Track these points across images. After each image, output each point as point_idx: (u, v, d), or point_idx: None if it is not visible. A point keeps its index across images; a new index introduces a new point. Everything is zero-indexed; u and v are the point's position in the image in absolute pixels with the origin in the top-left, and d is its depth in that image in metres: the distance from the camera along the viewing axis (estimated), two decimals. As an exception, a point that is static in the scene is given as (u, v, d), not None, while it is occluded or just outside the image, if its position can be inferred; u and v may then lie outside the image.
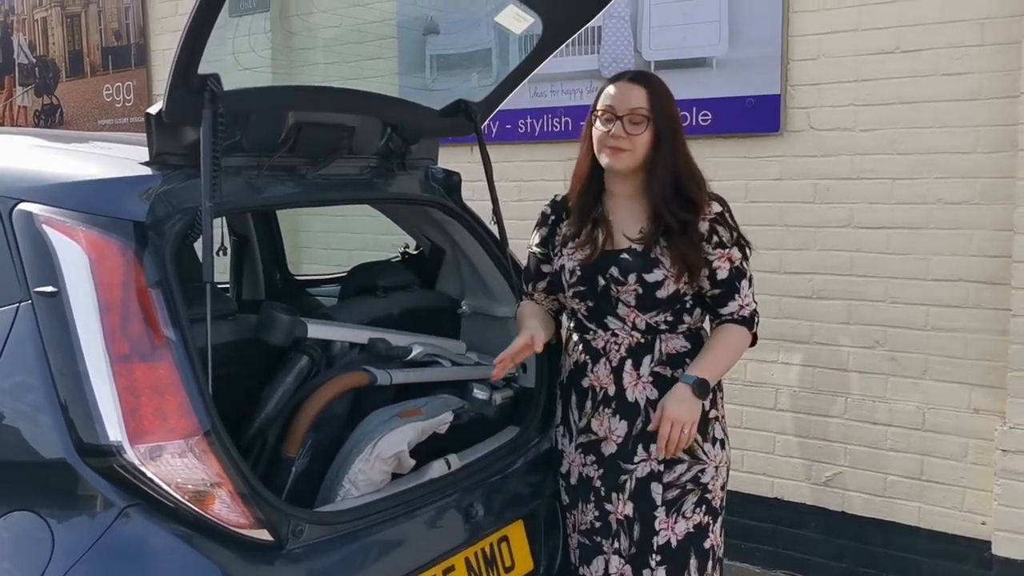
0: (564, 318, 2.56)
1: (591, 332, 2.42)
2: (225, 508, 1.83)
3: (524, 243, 2.62)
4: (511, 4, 2.70)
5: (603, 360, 2.40)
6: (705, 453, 2.38)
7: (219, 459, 1.82)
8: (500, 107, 2.81)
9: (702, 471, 2.38)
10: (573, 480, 2.48)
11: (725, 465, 2.44)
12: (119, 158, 2.18)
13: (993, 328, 3.54)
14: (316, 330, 2.36)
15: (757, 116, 4.00)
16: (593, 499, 2.42)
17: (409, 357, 2.50)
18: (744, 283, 2.38)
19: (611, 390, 2.39)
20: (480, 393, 2.52)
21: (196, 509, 1.81)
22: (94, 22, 6.55)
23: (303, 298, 3.55)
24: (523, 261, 2.72)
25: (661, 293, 2.33)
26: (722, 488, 2.43)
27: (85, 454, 1.77)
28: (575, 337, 2.48)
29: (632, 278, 2.33)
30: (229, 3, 1.89)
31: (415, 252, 3.10)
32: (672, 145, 2.34)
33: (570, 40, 2.74)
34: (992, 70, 3.49)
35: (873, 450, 3.84)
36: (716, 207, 2.36)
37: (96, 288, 1.80)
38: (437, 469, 2.34)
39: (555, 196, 2.55)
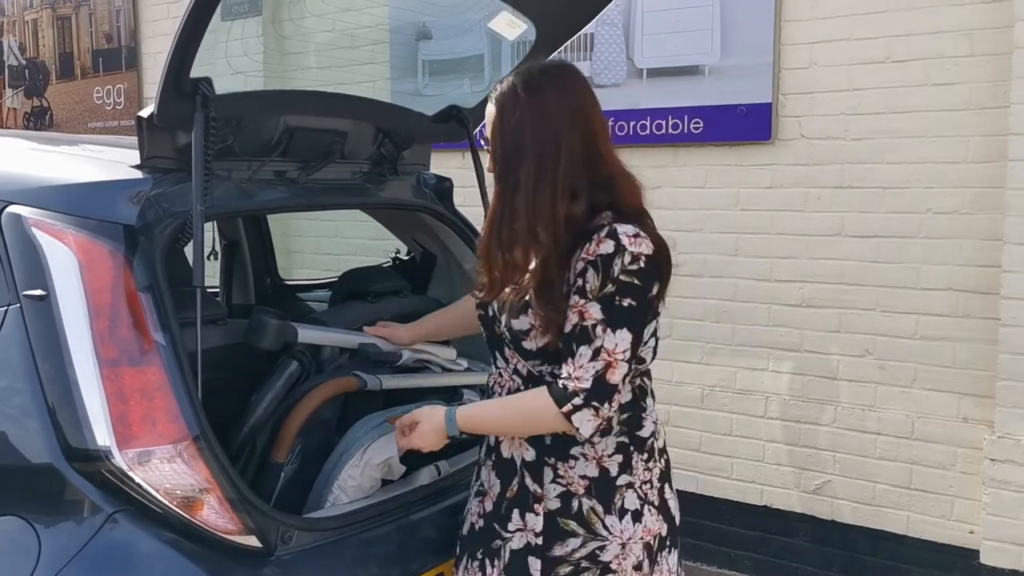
0: None
1: (490, 365, 2.08)
2: (214, 514, 1.82)
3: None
4: (504, 10, 2.70)
5: None
6: (607, 527, 1.90)
7: (208, 464, 1.80)
8: (492, 113, 2.80)
9: (601, 548, 1.90)
10: (464, 528, 2.10)
11: (640, 541, 1.92)
12: (110, 161, 2.17)
13: (982, 337, 3.56)
14: (306, 335, 2.35)
15: (749, 124, 4.01)
16: (480, 556, 2.02)
17: (399, 363, 2.50)
18: (584, 350, 1.79)
19: (492, 439, 2.03)
20: (471, 399, 2.52)
21: (184, 515, 1.79)
22: (85, 24, 6.53)
23: (293, 303, 3.53)
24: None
25: (528, 344, 1.90)
26: (636, 568, 1.92)
27: (73, 459, 1.76)
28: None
29: (504, 319, 1.93)
30: (221, 7, 1.88)
31: (406, 257, 3.10)
32: (512, 180, 1.86)
33: (563, 47, 2.74)
34: (982, 80, 3.51)
35: (862, 458, 3.85)
36: (605, 247, 1.80)
37: (85, 292, 1.79)
38: (427, 475, 2.34)
39: None
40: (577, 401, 1.80)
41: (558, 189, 1.84)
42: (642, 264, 1.81)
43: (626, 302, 1.80)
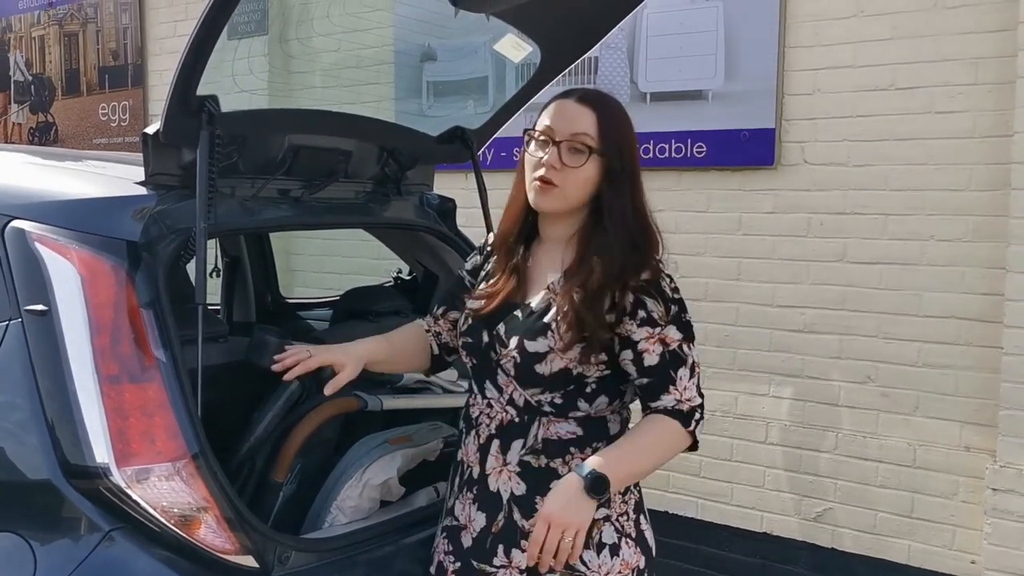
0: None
1: (472, 395, 2.02)
2: (211, 533, 1.81)
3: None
4: (509, 33, 2.71)
5: (473, 432, 1.98)
6: (585, 563, 1.85)
7: (206, 483, 1.79)
8: (496, 135, 2.81)
9: None
10: (432, 567, 2.05)
11: None
12: (114, 177, 2.18)
13: (985, 366, 3.55)
14: (307, 354, 2.34)
15: (752, 149, 4.02)
16: None
17: (400, 383, 2.49)
18: (683, 372, 1.87)
19: (476, 471, 1.96)
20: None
21: (181, 534, 1.78)
22: (91, 41, 6.56)
23: (294, 321, 3.52)
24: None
25: (542, 368, 1.87)
26: None
27: (71, 475, 1.75)
28: (468, 397, 2.08)
29: (514, 342, 1.89)
30: (228, 25, 1.89)
31: (408, 277, 3.10)
32: (629, 190, 1.91)
33: (567, 70, 2.75)
34: (985, 109, 3.52)
35: (863, 486, 3.83)
36: (645, 273, 1.88)
37: (87, 307, 1.79)
38: (425, 497, 2.32)
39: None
40: (698, 416, 1.92)
41: (646, 207, 1.97)
42: (675, 282, 1.94)
43: (686, 316, 1.91)
